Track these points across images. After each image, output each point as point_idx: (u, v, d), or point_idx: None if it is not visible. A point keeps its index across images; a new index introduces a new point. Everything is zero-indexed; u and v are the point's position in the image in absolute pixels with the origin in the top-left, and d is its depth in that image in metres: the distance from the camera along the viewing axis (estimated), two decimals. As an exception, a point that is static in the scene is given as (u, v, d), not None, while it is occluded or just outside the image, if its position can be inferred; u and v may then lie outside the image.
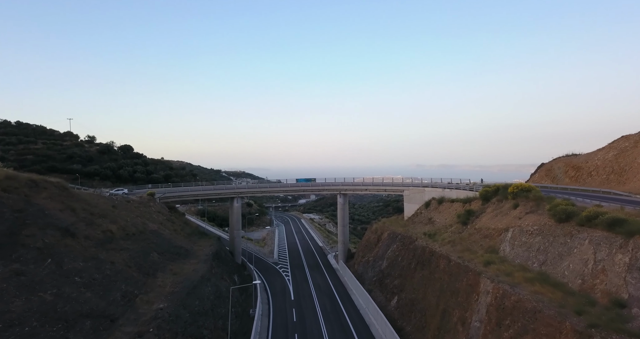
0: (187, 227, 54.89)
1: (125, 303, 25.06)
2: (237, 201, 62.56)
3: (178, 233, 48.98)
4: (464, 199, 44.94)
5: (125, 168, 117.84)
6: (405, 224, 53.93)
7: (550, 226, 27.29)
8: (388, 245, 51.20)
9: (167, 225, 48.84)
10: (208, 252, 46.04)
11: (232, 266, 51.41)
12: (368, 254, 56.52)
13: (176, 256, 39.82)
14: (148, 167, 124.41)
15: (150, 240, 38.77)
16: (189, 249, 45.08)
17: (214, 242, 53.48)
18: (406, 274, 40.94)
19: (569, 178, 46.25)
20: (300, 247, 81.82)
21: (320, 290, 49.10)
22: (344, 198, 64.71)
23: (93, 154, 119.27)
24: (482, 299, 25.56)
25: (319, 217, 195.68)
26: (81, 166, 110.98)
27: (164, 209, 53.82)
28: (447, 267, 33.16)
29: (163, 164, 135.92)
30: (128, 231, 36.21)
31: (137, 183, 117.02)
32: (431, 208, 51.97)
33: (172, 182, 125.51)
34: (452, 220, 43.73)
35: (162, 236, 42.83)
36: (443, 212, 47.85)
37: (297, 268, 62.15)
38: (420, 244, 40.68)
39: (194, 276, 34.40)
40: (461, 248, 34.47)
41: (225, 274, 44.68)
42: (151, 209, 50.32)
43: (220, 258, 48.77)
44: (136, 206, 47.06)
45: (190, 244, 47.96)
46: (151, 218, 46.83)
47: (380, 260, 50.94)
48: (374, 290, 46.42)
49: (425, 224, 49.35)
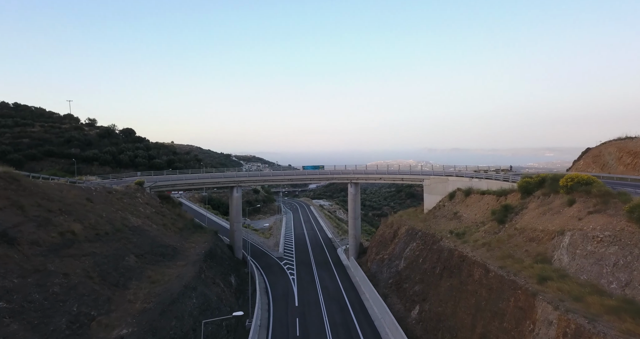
0: (180, 220, 49.22)
1: (73, 331, 19.28)
2: (237, 191, 56.59)
3: (168, 228, 43.30)
4: (498, 191, 38.16)
5: (126, 153, 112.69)
6: (426, 218, 47.46)
7: (633, 233, 20.62)
8: (406, 243, 44.93)
9: (155, 219, 43.15)
10: (200, 251, 40.39)
11: (229, 265, 45.77)
12: (382, 251, 50.38)
13: (160, 258, 34.11)
14: (150, 152, 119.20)
15: (128, 239, 33.04)
16: (178, 247, 39.41)
17: (209, 237, 47.86)
18: (429, 280, 34.73)
19: (623, 166, 39.07)
20: (308, 239, 76.05)
21: (329, 294, 43.24)
22: (356, 188, 58.28)
23: (92, 138, 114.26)
24: (543, 332, 19.21)
25: (329, 203, 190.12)
26: (79, 150, 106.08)
27: (153, 200, 48.12)
28: (484, 278, 26.80)
29: (166, 149, 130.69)
30: (99, 229, 30.44)
31: (138, 168, 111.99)
32: (456, 201, 45.30)
33: (175, 167, 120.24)
34: (484, 216, 37.10)
35: (146, 233, 37.14)
36: (472, 206, 41.19)
37: (304, 265, 56.38)
38: (447, 245, 34.30)
39: (176, 285, 28.63)
40: (501, 254, 28.00)
41: (219, 276, 38.97)
42: (137, 200, 44.62)
43: (215, 256, 43.08)
44: (119, 198, 41.34)
45: (181, 240, 42.30)
46: (136, 212, 41.13)
47: (397, 259, 44.80)
48: (390, 295, 40.40)
49: (449, 220, 42.80)
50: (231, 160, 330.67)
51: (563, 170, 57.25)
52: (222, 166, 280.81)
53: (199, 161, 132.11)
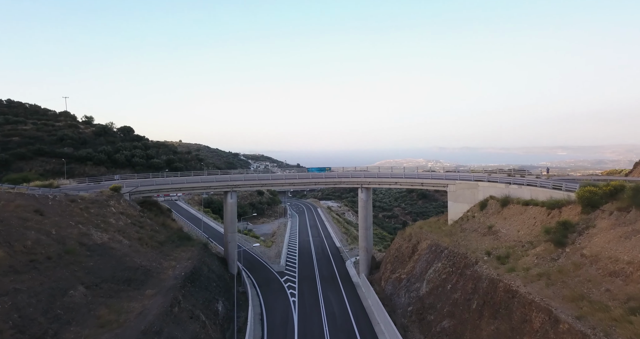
0: (163, 232, 42.30)
1: None
2: (232, 196, 49.51)
3: (144, 243, 36.33)
4: (548, 202, 30.49)
5: (123, 152, 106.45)
6: (451, 231, 39.88)
7: None
8: (428, 261, 37.45)
9: (128, 232, 36.24)
10: (181, 272, 33.36)
11: (217, 286, 38.68)
12: (399, 268, 42.96)
13: (123, 287, 27.12)
14: (148, 151, 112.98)
15: (81, 264, 26.11)
16: (152, 268, 32.42)
17: (196, 251, 40.87)
18: (463, 317, 27.26)
19: None
20: (313, 249, 68.80)
21: (336, 324, 35.90)
22: (367, 194, 50.82)
23: (88, 137, 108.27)
24: None
25: (337, 205, 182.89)
26: (73, 150, 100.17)
27: (131, 209, 41.25)
28: (551, 330, 19.25)
29: (166, 148, 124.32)
30: (38, 253, 23.56)
31: (135, 169, 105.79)
32: (490, 211, 37.67)
33: (174, 168, 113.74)
34: (531, 234, 29.46)
35: (111, 253, 30.21)
36: (511, 220, 33.53)
37: (307, 282, 49.11)
38: (486, 273, 26.77)
39: (134, 329, 21.55)
40: (570, 293, 20.47)
41: (200, 305, 31.86)
42: (109, 210, 37.76)
43: (200, 276, 36.02)
44: (84, 207, 34.52)
45: (158, 258, 35.31)
46: (104, 224, 34.25)
47: (418, 282, 37.35)
48: (411, 328, 32.98)
49: (482, 235, 35.19)
50: (239, 159, 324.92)
51: (577, 169, 49.14)
52: (230, 165, 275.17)
53: (200, 160, 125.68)
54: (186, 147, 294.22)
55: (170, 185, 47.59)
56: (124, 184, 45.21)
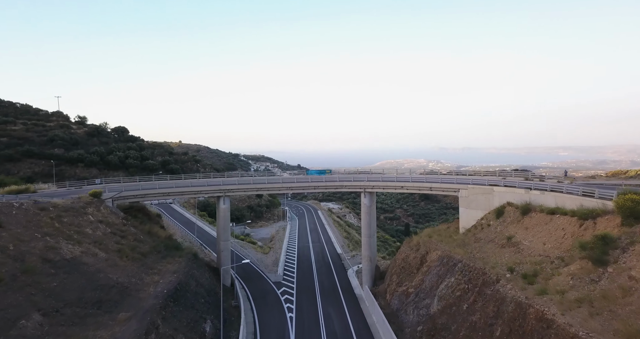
0: (149, 241, 38.65)
1: None
2: (225, 202, 45.85)
3: (124, 256, 32.65)
4: (579, 211, 26.80)
5: (116, 153, 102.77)
6: (464, 241, 36.19)
7: None
8: (439, 275, 33.78)
9: (107, 243, 32.60)
10: (164, 288, 29.73)
11: (206, 303, 34.99)
12: (407, 281, 39.28)
13: (91, 310, 23.48)
14: (143, 153, 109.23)
15: (42, 285, 22.53)
16: (130, 285, 28.77)
17: (184, 262, 37.26)
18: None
19: None
20: (313, 255, 65.06)
21: (337, 346, 32.20)
22: (370, 198, 47.13)
23: (80, 137, 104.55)
24: None
25: (339, 207, 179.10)
26: (64, 151, 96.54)
27: (112, 216, 37.61)
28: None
29: (162, 149, 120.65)
30: (-15, 275, 19.92)
31: (129, 170, 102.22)
32: (508, 220, 33.97)
33: (170, 169, 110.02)
34: (561, 248, 25.76)
35: (82, 269, 26.61)
36: (535, 230, 29.82)
37: (306, 295, 45.41)
38: (512, 295, 23.08)
39: (94, 369, 17.93)
40: (624, 328, 16.84)
41: (184, 328, 28.18)
42: (86, 218, 34.12)
43: (187, 292, 32.35)
44: (55, 217, 30.89)
45: (139, 272, 31.67)
46: (78, 235, 30.65)
47: (428, 297, 33.70)
48: (422, 352, 29.32)
49: (501, 247, 31.50)
50: (239, 160, 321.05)
51: (579, 169, 45.45)
52: (230, 166, 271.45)
53: (197, 162, 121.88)
54: (186, 148, 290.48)
55: (157, 190, 43.92)
56: (107, 189, 41.61)
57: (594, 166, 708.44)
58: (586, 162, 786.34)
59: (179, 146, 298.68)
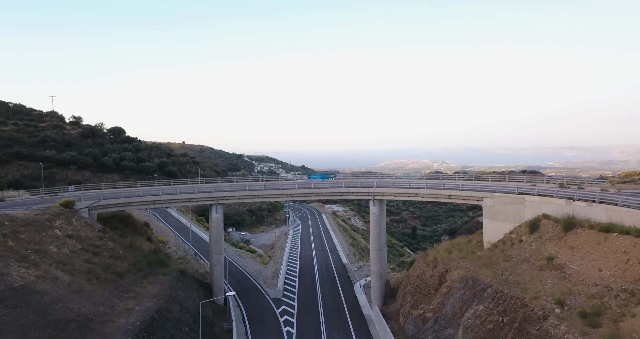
0: (129, 257, 33.84)
1: None
2: (217, 210, 41.00)
3: (95, 277, 27.85)
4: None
5: (111, 155, 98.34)
6: (491, 259, 31.08)
7: None
8: (464, 300, 28.69)
9: (74, 263, 27.84)
10: (136, 319, 24.91)
11: (191, 332, 30.11)
12: (423, 303, 34.22)
13: (34, 357, 18.66)
14: (140, 154, 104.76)
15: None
16: (97, 316, 23.95)
17: (167, 282, 32.38)
18: None
19: None
20: (316, 266, 59.97)
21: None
22: (380, 206, 42.11)
23: (73, 138, 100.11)
24: None
25: (343, 209, 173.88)
26: (55, 152, 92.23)
27: (86, 229, 32.84)
28: None
29: (159, 150, 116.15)
30: None
31: (124, 173, 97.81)
32: (546, 236, 28.84)
33: (167, 172, 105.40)
34: (625, 277, 20.62)
35: (34, 300, 21.81)
36: (584, 251, 24.68)
37: (308, 315, 40.36)
38: (570, 341, 17.99)
39: None
40: None
41: (158, 371, 23.29)
42: (52, 233, 29.37)
43: (166, 322, 27.46)
44: (10, 233, 26.15)
45: (111, 298, 26.84)
46: (38, 254, 25.87)
47: (451, 326, 28.66)
48: (448, 400, 24.27)
49: (539, 270, 26.39)
50: (243, 160, 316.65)
51: (586, 170, 40.24)
52: (233, 167, 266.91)
53: (196, 163, 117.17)
54: (189, 149, 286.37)
55: (141, 197, 39.13)
56: (83, 197, 36.82)
57: (600, 167, 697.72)
58: (593, 162, 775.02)
59: (182, 146, 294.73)
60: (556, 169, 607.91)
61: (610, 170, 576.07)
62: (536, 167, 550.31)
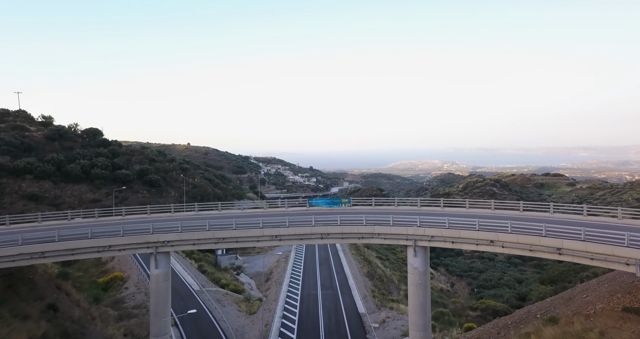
0: None
1: None
2: (159, 263, 25.00)
3: None
4: None
5: (79, 161, 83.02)
6: None
7: None
8: None
9: None
10: None
11: None
12: None
13: None
14: (116, 160, 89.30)
15: None
16: None
17: None
18: None
19: None
20: (322, 321, 43.27)
21: None
22: (424, 257, 25.74)
23: (36, 141, 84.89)
24: None
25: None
26: (9, 159, 77.29)
27: None
28: None
29: (141, 155, 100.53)
30: None
31: (94, 183, 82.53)
32: None
33: (148, 181, 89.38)
34: None
35: None
36: None
37: None
38: None
39: None
40: None
41: None
42: None
43: None
44: None
45: None
46: None
47: None
48: None
49: None
50: (249, 162, 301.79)
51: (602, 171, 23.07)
52: (239, 169, 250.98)
53: (184, 170, 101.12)
54: (194, 151, 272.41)
55: (19, 247, 23.14)
56: None
57: (616, 167, 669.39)
58: (608, 163, 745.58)
59: (187, 148, 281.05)
60: (570, 169, 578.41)
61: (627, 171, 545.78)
62: (549, 168, 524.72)
